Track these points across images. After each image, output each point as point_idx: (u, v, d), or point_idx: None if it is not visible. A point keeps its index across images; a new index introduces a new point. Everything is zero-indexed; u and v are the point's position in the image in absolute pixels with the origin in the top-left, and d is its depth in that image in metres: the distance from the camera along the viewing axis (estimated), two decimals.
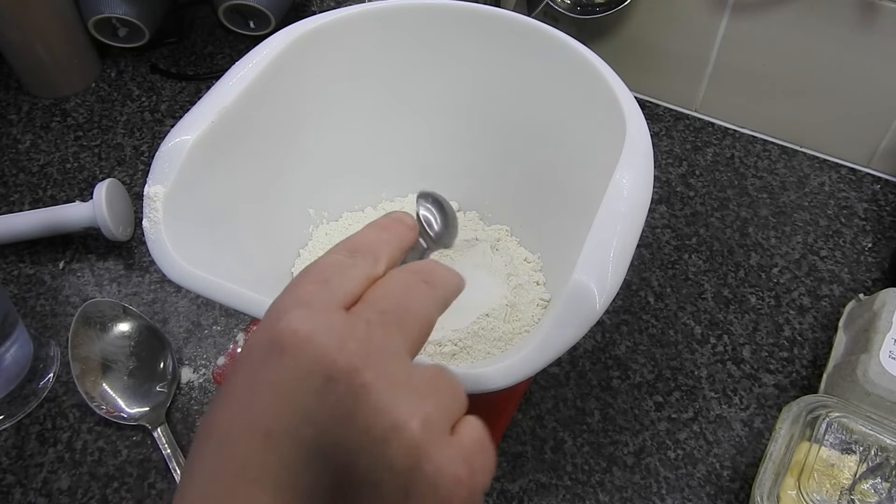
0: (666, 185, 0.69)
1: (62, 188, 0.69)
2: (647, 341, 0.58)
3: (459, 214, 0.59)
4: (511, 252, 0.55)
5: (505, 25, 0.51)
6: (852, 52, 0.65)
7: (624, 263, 0.37)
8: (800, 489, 0.43)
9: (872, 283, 0.62)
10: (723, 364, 0.57)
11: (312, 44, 0.50)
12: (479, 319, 0.50)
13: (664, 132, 0.75)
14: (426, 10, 0.52)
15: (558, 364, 0.56)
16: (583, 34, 0.75)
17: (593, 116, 0.47)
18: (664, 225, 0.66)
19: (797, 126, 0.72)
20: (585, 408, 0.54)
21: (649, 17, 0.72)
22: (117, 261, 0.63)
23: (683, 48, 0.72)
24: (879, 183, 0.70)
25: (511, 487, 0.50)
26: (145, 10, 0.78)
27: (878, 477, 0.43)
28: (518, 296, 0.52)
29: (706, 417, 0.54)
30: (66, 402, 0.55)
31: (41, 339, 0.57)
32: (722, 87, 0.73)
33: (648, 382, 0.56)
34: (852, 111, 0.68)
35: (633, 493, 0.50)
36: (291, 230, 0.55)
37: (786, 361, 0.57)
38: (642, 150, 0.41)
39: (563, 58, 0.49)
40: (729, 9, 0.68)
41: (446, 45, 0.53)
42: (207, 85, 0.46)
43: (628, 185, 0.39)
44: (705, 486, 0.50)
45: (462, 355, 0.48)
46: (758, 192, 0.69)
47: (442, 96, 0.56)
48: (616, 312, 0.59)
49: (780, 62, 0.69)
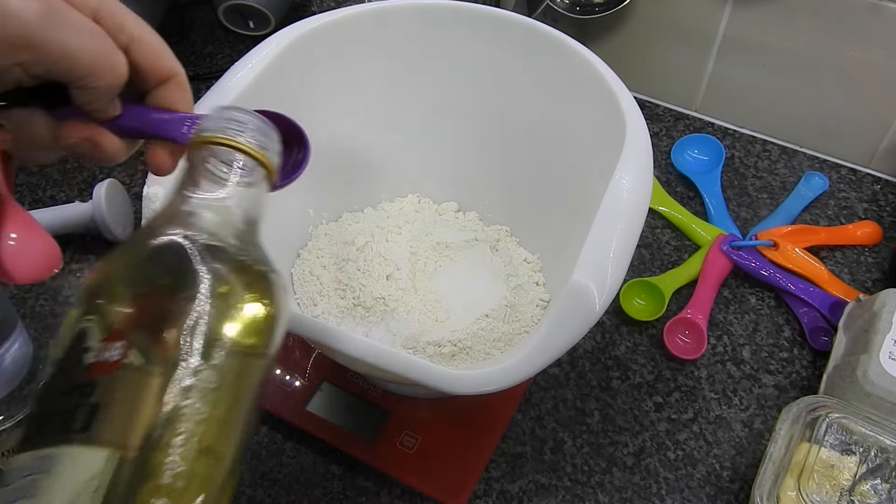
0: (666, 185, 0.69)
1: (62, 188, 0.69)
2: (647, 342, 0.58)
3: (459, 214, 0.59)
4: (511, 252, 0.55)
5: (505, 26, 0.51)
6: (853, 53, 0.65)
7: (624, 263, 0.37)
8: (800, 490, 0.43)
9: (872, 283, 0.62)
10: (723, 364, 0.57)
11: (312, 44, 0.50)
12: (478, 320, 0.50)
13: (664, 132, 0.74)
14: (425, 11, 0.52)
15: (558, 364, 0.56)
16: (583, 34, 0.75)
17: (593, 116, 0.47)
18: (664, 225, 0.66)
19: (797, 126, 0.72)
20: (585, 408, 0.54)
21: (649, 17, 0.72)
22: None
23: (683, 48, 0.72)
24: (879, 183, 0.70)
25: (511, 488, 0.50)
26: (145, 10, 0.78)
27: (877, 478, 0.43)
28: (518, 296, 0.52)
29: (706, 418, 0.54)
30: None
31: (41, 340, 0.57)
32: (722, 86, 0.73)
33: (648, 383, 0.56)
34: (852, 111, 0.68)
35: (632, 493, 0.50)
36: (291, 230, 0.55)
37: (786, 362, 0.57)
38: (642, 150, 0.41)
39: (563, 58, 0.49)
40: (729, 9, 0.67)
41: (446, 45, 0.53)
42: (207, 85, 0.46)
43: (628, 185, 0.39)
44: (705, 487, 0.50)
45: (462, 356, 0.48)
46: (758, 192, 0.69)
47: (441, 97, 0.56)
48: (616, 313, 0.59)
49: (780, 62, 0.69)
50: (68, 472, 0.21)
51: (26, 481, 0.21)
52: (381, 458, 0.50)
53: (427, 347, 0.48)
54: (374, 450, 0.50)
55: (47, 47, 0.25)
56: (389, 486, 0.50)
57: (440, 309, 0.51)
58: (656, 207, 0.66)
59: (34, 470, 0.22)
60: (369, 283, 0.51)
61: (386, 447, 0.50)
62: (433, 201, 0.60)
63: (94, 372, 0.23)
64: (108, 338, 0.23)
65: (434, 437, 0.50)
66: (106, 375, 0.22)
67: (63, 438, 0.22)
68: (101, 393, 0.22)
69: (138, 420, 0.22)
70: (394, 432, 0.50)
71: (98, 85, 0.27)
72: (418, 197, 0.60)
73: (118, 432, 0.22)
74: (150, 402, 0.22)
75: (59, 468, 0.21)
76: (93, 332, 0.24)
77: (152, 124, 0.30)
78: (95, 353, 0.23)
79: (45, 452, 0.22)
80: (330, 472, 0.51)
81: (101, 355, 0.23)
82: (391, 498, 0.50)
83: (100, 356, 0.23)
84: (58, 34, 0.25)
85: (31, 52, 0.25)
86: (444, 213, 0.59)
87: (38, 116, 0.28)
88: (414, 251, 0.54)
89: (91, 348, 0.23)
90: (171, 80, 0.30)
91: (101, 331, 0.24)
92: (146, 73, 0.29)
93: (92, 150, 0.29)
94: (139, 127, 0.30)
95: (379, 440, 0.50)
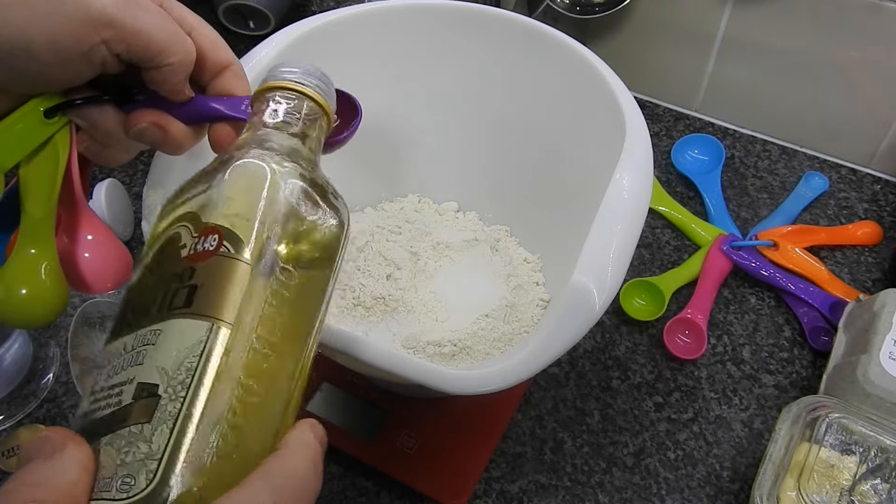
0: (666, 185, 0.69)
1: None
2: (647, 342, 0.58)
3: (459, 214, 0.59)
4: (511, 252, 0.55)
5: (505, 26, 0.51)
6: (853, 53, 0.65)
7: (624, 263, 0.36)
8: (800, 490, 0.43)
9: (872, 283, 0.62)
10: (723, 364, 0.57)
11: (312, 44, 0.50)
12: (478, 320, 0.50)
13: (664, 132, 0.74)
14: (425, 11, 0.52)
15: (558, 364, 0.56)
16: (583, 34, 0.75)
17: (593, 116, 0.47)
18: (664, 225, 0.66)
19: (797, 126, 0.72)
20: (585, 408, 0.54)
21: (649, 17, 0.72)
22: None
23: (683, 48, 0.72)
24: (879, 183, 0.69)
25: (511, 488, 0.50)
26: None
27: (877, 478, 0.43)
28: (518, 296, 0.52)
29: (706, 418, 0.54)
30: (66, 403, 0.55)
31: (41, 340, 0.57)
32: (722, 86, 0.73)
33: (648, 383, 0.56)
34: (852, 111, 0.68)
35: (632, 493, 0.50)
36: None
37: (786, 362, 0.57)
38: (642, 150, 0.41)
39: (563, 58, 0.49)
40: (729, 9, 0.67)
41: (446, 45, 0.53)
42: None
43: (628, 185, 0.39)
44: (705, 487, 0.50)
45: (462, 356, 0.48)
46: (758, 192, 0.69)
47: (441, 97, 0.56)
48: (616, 313, 0.59)
49: (780, 62, 0.69)
50: (175, 340, 0.24)
51: (132, 354, 0.25)
52: (381, 459, 0.50)
53: (427, 347, 0.48)
54: (373, 450, 0.50)
55: (127, 24, 0.28)
56: (389, 486, 0.50)
57: (440, 309, 0.51)
58: (656, 207, 0.66)
59: (138, 344, 0.25)
60: (369, 283, 0.51)
61: (386, 447, 0.50)
62: (433, 201, 0.59)
63: (193, 259, 0.26)
64: (203, 232, 0.26)
65: (434, 437, 0.50)
66: (204, 261, 0.26)
67: (168, 315, 0.25)
68: (202, 275, 0.25)
69: (233, 299, 0.25)
70: (394, 432, 0.50)
71: (172, 62, 0.30)
72: (418, 197, 0.60)
73: (217, 307, 0.25)
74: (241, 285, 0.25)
75: (165, 338, 0.24)
76: (185, 233, 0.27)
77: (215, 108, 0.33)
78: (192, 245, 0.26)
79: (148, 329, 0.25)
80: (330, 471, 0.51)
81: (199, 245, 0.26)
82: (391, 498, 0.50)
83: (197, 246, 0.26)
84: (135, 13, 0.28)
85: (112, 29, 0.28)
86: (444, 213, 0.59)
87: (109, 112, 0.31)
88: (414, 251, 0.54)
89: (186, 244, 0.26)
90: (228, 69, 0.33)
91: (194, 230, 0.27)
92: (206, 61, 0.32)
93: (161, 136, 0.32)
94: (203, 112, 0.33)
95: (379, 440, 0.50)
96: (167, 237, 0.27)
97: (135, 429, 0.23)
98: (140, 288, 0.27)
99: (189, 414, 0.23)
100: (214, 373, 0.24)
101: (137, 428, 0.23)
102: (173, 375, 0.23)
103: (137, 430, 0.23)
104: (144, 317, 0.25)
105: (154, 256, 0.27)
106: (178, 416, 0.23)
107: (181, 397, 0.23)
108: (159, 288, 0.26)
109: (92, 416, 0.24)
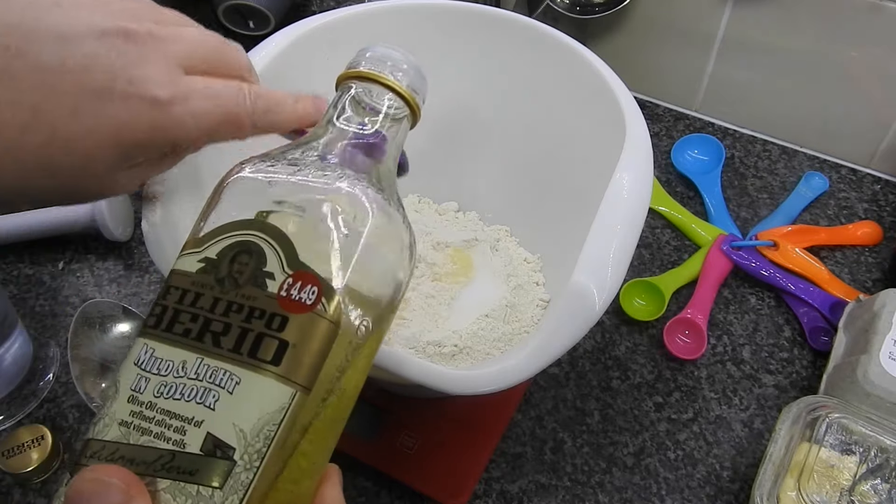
0: (666, 185, 0.69)
1: None
2: (647, 342, 0.58)
3: (459, 214, 0.59)
4: (511, 252, 0.55)
5: (505, 26, 0.51)
6: (853, 53, 0.65)
7: (624, 263, 0.36)
8: (800, 490, 0.43)
9: (872, 283, 0.62)
10: (723, 364, 0.57)
11: (312, 44, 0.50)
12: (478, 320, 0.50)
13: (664, 132, 0.74)
14: (425, 11, 0.52)
15: (558, 364, 0.56)
16: (583, 34, 0.75)
17: (593, 116, 0.47)
18: (664, 225, 0.66)
19: (797, 126, 0.72)
20: (585, 408, 0.54)
21: (649, 17, 0.72)
22: (117, 261, 0.63)
23: (683, 48, 0.72)
24: (879, 183, 0.69)
25: (511, 488, 0.50)
26: None
27: (878, 478, 0.43)
28: (518, 296, 0.52)
29: (706, 418, 0.54)
30: (66, 403, 0.55)
31: (41, 340, 0.57)
32: (722, 86, 0.73)
33: (648, 383, 0.56)
34: (852, 111, 0.68)
35: (632, 493, 0.50)
36: None
37: (786, 362, 0.57)
38: (642, 150, 0.41)
39: (563, 58, 0.49)
40: (729, 9, 0.67)
41: (446, 45, 0.53)
42: None
43: (628, 186, 0.39)
44: (705, 487, 0.50)
45: (462, 356, 0.48)
46: (758, 192, 0.69)
47: (441, 96, 0.55)
48: (616, 313, 0.59)
49: (780, 62, 0.69)
50: (257, 400, 0.23)
51: (199, 387, 0.23)
52: (381, 458, 0.50)
53: (427, 347, 0.48)
54: (373, 450, 0.50)
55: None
56: (389, 486, 0.50)
57: (440, 309, 0.51)
58: (656, 207, 0.66)
59: (208, 378, 0.23)
60: None
61: (385, 447, 0.50)
62: (433, 201, 0.59)
63: (285, 306, 0.23)
64: (298, 276, 0.24)
65: (434, 437, 0.50)
66: (297, 315, 0.23)
67: (251, 364, 0.23)
68: (295, 333, 0.23)
69: (321, 369, 0.24)
70: (393, 432, 0.50)
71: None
72: (418, 197, 0.60)
73: (306, 377, 0.23)
74: (329, 353, 0.24)
75: (245, 392, 0.23)
76: (272, 256, 0.24)
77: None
78: (283, 284, 0.24)
79: (222, 366, 0.23)
80: None
81: (294, 292, 0.24)
82: (391, 498, 0.50)
83: (292, 292, 0.24)
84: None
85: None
86: (444, 213, 0.59)
87: None
88: None
89: (275, 276, 0.24)
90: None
91: (286, 262, 0.24)
92: None
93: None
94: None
95: (378, 440, 0.50)
96: (243, 241, 0.25)
97: (204, 491, 0.22)
98: (202, 284, 0.24)
99: (258, 487, 0.22)
100: (285, 442, 0.23)
101: (208, 492, 0.22)
102: (251, 442, 0.22)
103: (207, 493, 0.22)
104: (215, 345, 0.23)
105: (223, 256, 0.25)
106: (249, 487, 0.22)
107: (255, 467, 0.22)
108: (236, 314, 0.23)
109: (137, 436, 0.23)
